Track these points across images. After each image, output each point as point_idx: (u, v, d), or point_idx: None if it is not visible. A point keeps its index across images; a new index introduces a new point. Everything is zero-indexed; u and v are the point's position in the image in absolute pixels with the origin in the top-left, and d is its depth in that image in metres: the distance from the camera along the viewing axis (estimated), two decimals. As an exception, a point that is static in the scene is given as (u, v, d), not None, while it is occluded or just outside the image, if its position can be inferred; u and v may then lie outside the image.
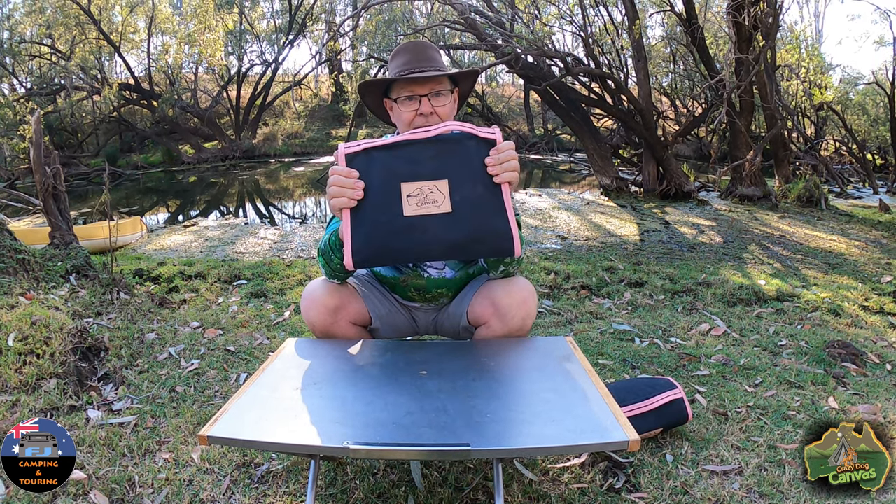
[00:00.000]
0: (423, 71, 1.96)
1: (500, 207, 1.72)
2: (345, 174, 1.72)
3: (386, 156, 1.73)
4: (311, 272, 4.99)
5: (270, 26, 23.49)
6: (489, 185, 1.72)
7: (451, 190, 1.70)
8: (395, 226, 1.70)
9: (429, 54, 2.02)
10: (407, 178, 1.71)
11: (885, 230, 8.59)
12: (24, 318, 2.77)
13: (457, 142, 1.74)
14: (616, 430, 1.39)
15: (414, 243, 1.71)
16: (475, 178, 1.72)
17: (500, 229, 1.71)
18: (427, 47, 2.05)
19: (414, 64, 1.98)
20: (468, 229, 1.70)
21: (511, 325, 1.97)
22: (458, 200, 1.70)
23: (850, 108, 16.53)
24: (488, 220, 1.71)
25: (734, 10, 9.61)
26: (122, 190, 15.38)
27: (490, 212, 1.71)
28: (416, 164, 1.72)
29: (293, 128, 23.93)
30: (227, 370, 2.83)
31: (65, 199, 4.70)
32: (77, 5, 17.69)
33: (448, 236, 1.70)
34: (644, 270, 5.18)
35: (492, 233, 1.71)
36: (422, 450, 1.40)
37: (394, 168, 1.72)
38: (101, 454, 2.03)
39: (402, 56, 2.02)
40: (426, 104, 1.96)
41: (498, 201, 1.72)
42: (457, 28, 12.29)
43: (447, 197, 1.70)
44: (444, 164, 1.72)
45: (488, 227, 1.71)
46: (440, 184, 1.70)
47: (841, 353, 3.03)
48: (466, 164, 1.72)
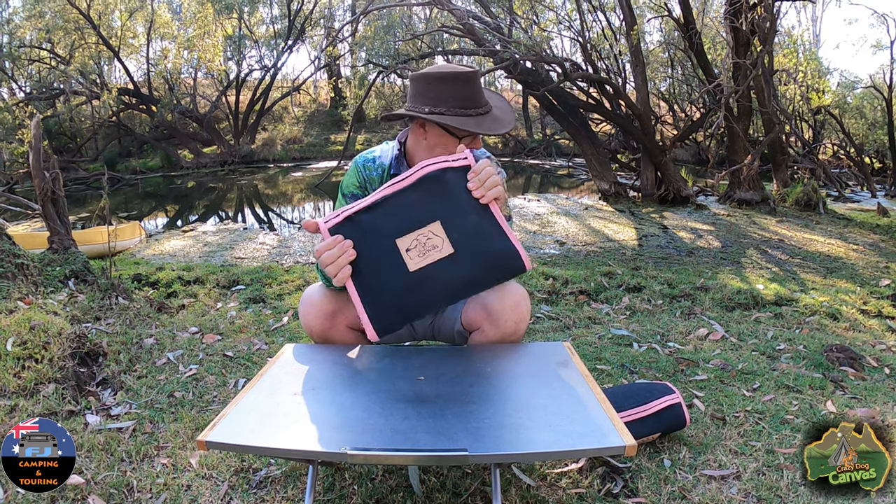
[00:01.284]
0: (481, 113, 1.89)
1: (497, 230, 1.70)
2: (330, 245, 1.67)
3: (370, 217, 1.70)
4: (310, 277, 4.99)
5: (269, 31, 23.52)
6: (480, 211, 1.70)
7: (447, 229, 1.68)
8: (406, 284, 1.67)
9: (479, 88, 1.93)
10: (399, 233, 1.68)
11: (883, 233, 8.61)
12: (23, 323, 2.77)
13: (434, 180, 1.71)
14: (613, 435, 1.39)
15: (429, 295, 1.68)
16: (465, 210, 1.69)
17: (505, 251, 1.70)
18: (478, 84, 1.93)
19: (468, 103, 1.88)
20: (477, 262, 1.68)
21: (504, 330, 1.97)
22: (458, 238, 1.68)
23: (848, 112, 16.57)
24: (491, 245, 1.70)
25: (732, 14, 9.64)
26: (121, 195, 15.39)
27: (490, 237, 1.70)
28: (403, 215, 1.69)
29: (292, 133, 23.94)
30: (225, 375, 2.83)
31: (63, 204, 4.70)
32: (76, 10, 17.71)
33: (460, 275, 1.68)
34: (642, 275, 5.18)
35: (499, 257, 1.70)
36: (419, 455, 1.40)
37: (383, 227, 1.69)
38: (100, 459, 2.03)
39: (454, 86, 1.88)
40: (461, 145, 1.86)
41: (493, 224, 1.70)
42: (455, 34, 12.32)
43: (445, 238, 1.68)
44: (430, 207, 1.69)
45: (494, 252, 1.70)
46: (434, 227, 1.68)
47: (839, 357, 3.04)
48: (451, 198, 1.69)
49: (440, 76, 1.89)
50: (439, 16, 14.10)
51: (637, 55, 11.79)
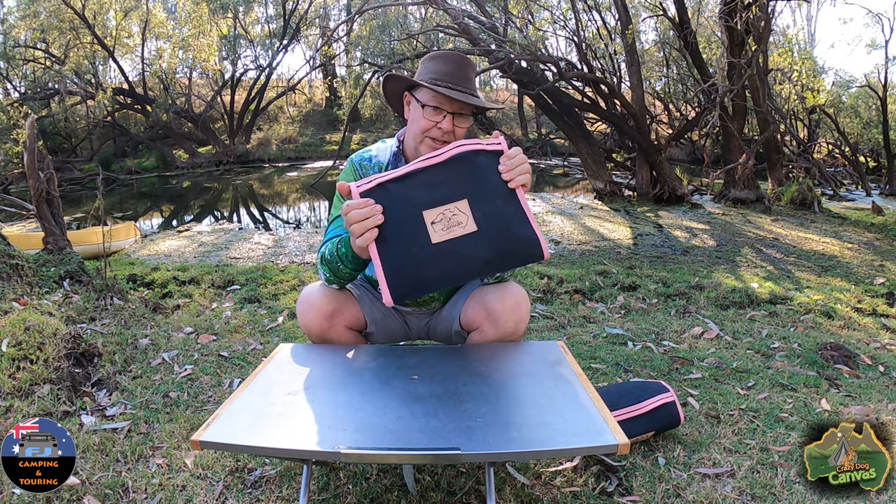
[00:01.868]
0: (461, 89, 1.95)
1: (521, 215, 1.73)
2: (361, 205, 1.67)
3: (401, 187, 1.72)
4: (305, 277, 4.99)
5: (265, 31, 23.48)
6: (506, 196, 1.73)
7: (473, 208, 1.70)
8: (427, 255, 1.68)
9: (469, 73, 2.00)
10: (427, 206, 1.70)
11: (878, 232, 8.63)
12: (18, 324, 2.77)
13: (466, 160, 1.74)
14: (606, 433, 1.40)
15: (448, 268, 1.69)
16: (492, 192, 1.72)
17: (526, 237, 1.72)
18: (469, 66, 2.02)
19: (454, 79, 1.96)
20: (497, 244, 1.70)
21: (504, 330, 1.97)
22: (482, 217, 1.70)
23: (843, 111, 16.61)
24: (514, 230, 1.71)
25: (726, 14, 9.66)
26: (116, 195, 15.35)
27: (514, 222, 1.72)
28: (433, 189, 1.72)
29: (287, 133, 23.90)
30: (220, 375, 2.83)
31: (58, 204, 4.69)
32: (71, 10, 17.65)
33: (479, 254, 1.69)
34: (637, 274, 5.19)
35: (520, 242, 1.72)
36: (413, 454, 1.40)
37: (412, 198, 1.71)
38: (95, 459, 2.03)
39: (444, 64, 1.98)
40: (448, 122, 1.94)
41: (518, 210, 1.73)
42: (450, 33, 12.32)
43: (470, 216, 1.70)
44: (459, 185, 1.72)
45: (515, 237, 1.71)
46: (461, 205, 1.70)
47: (833, 356, 3.05)
48: (481, 179, 1.73)
49: (430, 56, 2.03)
50: (434, 15, 14.09)
51: (632, 54, 11.80)
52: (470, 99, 1.94)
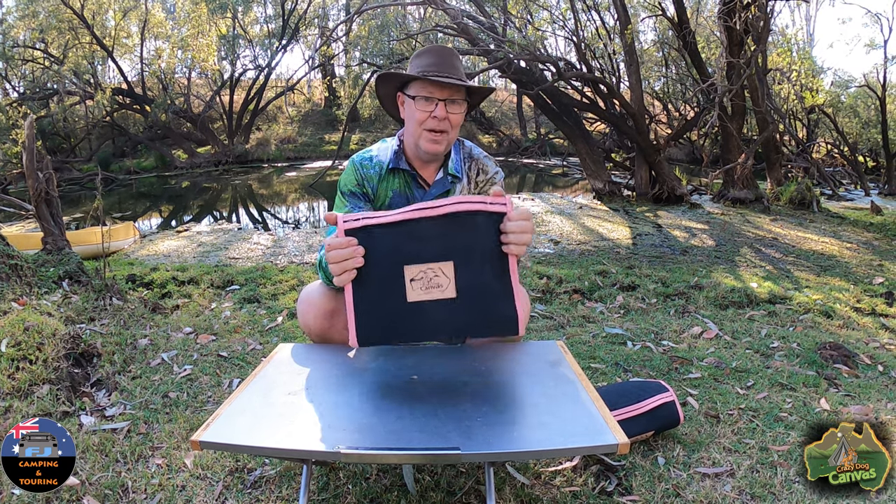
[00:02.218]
0: (447, 76, 1.96)
1: (506, 289, 1.66)
2: (343, 244, 1.63)
3: (388, 234, 1.65)
4: (305, 277, 4.99)
5: (263, 31, 23.44)
6: (496, 265, 1.65)
7: (457, 273, 1.63)
8: (399, 310, 1.65)
9: (453, 62, 2.02)
10: (410, 261, 1.64)
11: (877, 232, 8.64)
12: (17, 324, 2.77)
13: (464, 220, 1.64)
14: (605, 433, 1.40)
15: (417, 327, 1.66)
16: (482, 259, 1.64)
17: (504, 315, 1.67)
18: (453, 55, 2.05)
19: (439, 67, 1.98)
20: (473, 316, 1.65)
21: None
22: (464, 286, 1.64)
23: (842, 111, 16.61)
24: (493, 305, 1.66)
25: (725, 14, 9.66)
26: (115, 195, 15.34)
27: (495, 297, 1.66)
28: (421, 243, 1.65)
29: (286, 133, 23.88)
30: (219, 375, 2.82)
31: (57, 205, 4.69)
32: (70, 10, 17.63)
33: (452, 321, 1.65)
34: (636, 274, 5.19)
35: (496, 318, 1.67)
36: (413, 454, 1.40)
37: (397, 249, 1.64)
38: (94, 460, 2.03)
39: (427, 57, 2.02)
40: (441, 108, 1.95)
41: (504, 283, 1.66)
42: (449, 33, 12.31)
43: (452, 281, 1.63)
44: (449, 245, 1.64)
45: (492, 312, 1.66)
46: (445, 266, 1.64)
47: (833, 355, 3.05)
48: (473, 243, 1.64)
49: (417, 53, 2.08)
50: (433, 15, 14.09)
51: (631, 54, 11.80)
52: (458, 82, 1.95)
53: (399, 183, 2.11)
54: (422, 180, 2.11)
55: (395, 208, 2.08)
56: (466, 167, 2.14)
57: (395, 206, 2.09)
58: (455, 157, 2.12)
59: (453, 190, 2.11)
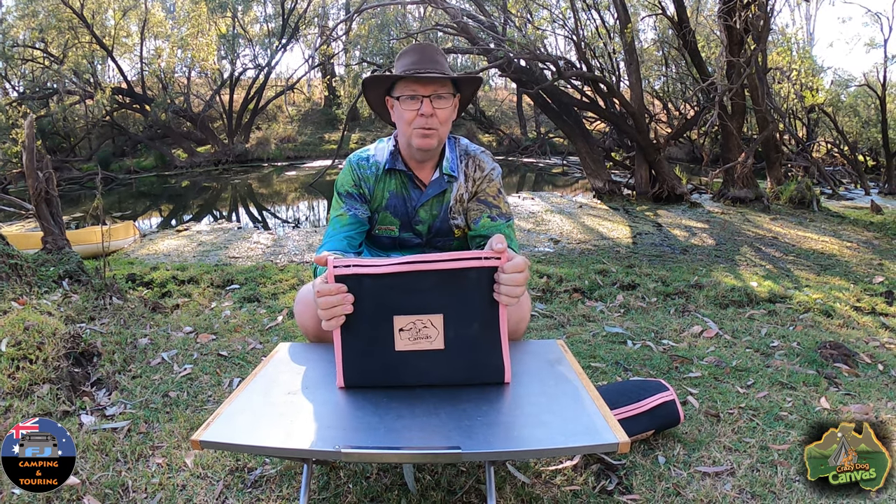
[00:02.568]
0: (428, 72, 1.96)
1: (495, 340, 1.65)
2: (332, 291, 1.61)
3: (378, 286, 1.62)
4: (305, 276, 4.99)
5: (263, 30, 23.45)
6: (487, 318, 1.63)
7: (446, 326, 1.62)
8: (386, 358, 1.64)
9: (435, 57, 2.02)
10: (400, 311, 1.63)
11: (877, 231, 8.64)
12: (17, 324, 2.77)
13: (458, 275, 1.62)
14: (606, 432, 1.39)
15: (404, 374, 1.66)
16: (472, 313, 1.63)
17: (492, 366, 1.66)
18: (434, 51, 2.04)
19: (420, 64, 1.97)
20: (460, 366, 1.65)
21: None
22: (453, 337, 1.63)
23: (842, 110, 16.61)
24: (482, 357, 1.66)
25: (725, 13, 9.66)
26: (115, 194, 15.34)
27: (485, 349, 1.65)
28: (411, 296, 1.62)
29: (286, 132, 23.89)
30: (219, 375, 2.82)
31: (57, 204, 4.69)
32: (70, 9, 17.64)
33: (438, 371, 1.65)
34: (636, 273, 5.19)
35: (484, 369, 1.67)
36: (413, 453, 1.40)
37: (386, 300, 1.63)
38: (95, 459, 2.03)
39: (408, 56, 2.01)
40: (427, 105, 1.94)
41: (493, 335, 1.64)
42: (449, 32, 12.31)
43: (441, 333, 1.62)
44: (440, 298, 1.62)
45: (481, 364, 1.66)
46: (435, 318, 1.62)
47: (833, 354, 3.05)
48: (465, 298, 1.62)
49: (399, 55, 2.07)
50: (433, 14, 14.08)
51: (631, 53, 11.80)
52: (440, 76, 1.95)
53: (396, 184, 2.11)
54: (418, 181, 2.10)
55: (391, 210, 2.09)
56: (463, 164, 2.13)
57: (391, 207, 2.10)
58: (450, 156, 2.11)
59: (450, 189, 2.10)
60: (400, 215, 2.11)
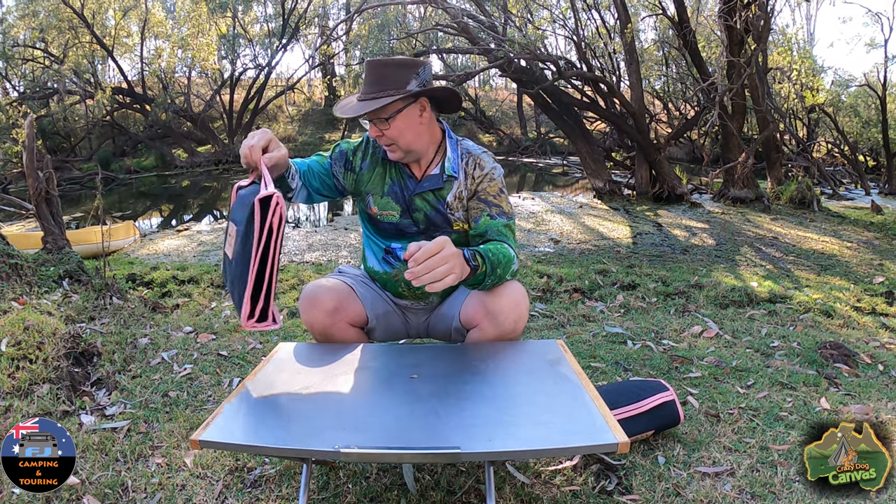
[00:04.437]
0: (368, 97, 1.98)
1: (243, 279, 1.71)
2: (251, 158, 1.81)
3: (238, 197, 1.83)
4: (304, 276, 4.99)
5: (264, 30, 23.44)
6: (244, 252, 1.70)
7: (236, 240, 1.74)
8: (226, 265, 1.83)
9: (380, 74, 1.99)
10: (231, 220, 1.82)
11: (878, 231, 8.64)
12: (17, 323, 2.77)
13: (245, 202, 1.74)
14: (605, 432, 1.39)
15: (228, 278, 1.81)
16: (243, 241, 1.71)
17: (237, 296, 1.73)
18: (382, 65, 2.00)
19: (366, 88, 2.00)
20: (236, 279, 1.73)
21: (503, 328, 1.97)
22: (237, 251, 1.72)
23: (842, 111, 16.61)
24: (237, 282, 1.73)
25: (726, 13, 9.65)
26: (115, 194, 15.34)
27: (240, 281, 1.71)
28: (235, 210, 1.79)
29: (286, 132, 23.89)
30: (219, 375, 2.82)
31: (57, 204, 4.68)
32: (70, 9, 17.63)
33: (231, 277, 1.77)
34: (637, 273, 5.19)
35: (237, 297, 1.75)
36: (413, 453, 1.40)
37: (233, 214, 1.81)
38: (94, 459, 2.03)
39: (364, 77, 2.04)
40: (373, 128, 2.03)
41: (244, 273, 1.70)
42: (449, 32, 12.32)
43: (233, 246, 1.75)
44: (237, 214, 1.76)
45: (237, 289, 1.73)
46: (232, 230, 1.78)
47: (833, 354, 3.05)
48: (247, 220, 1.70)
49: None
50: (434, 14, 14.08)
51: (631, 53, 11.80)
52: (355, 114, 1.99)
53: (396, 172, 2.15)
54: (410, 172, 2.14)
55: (393, 196, 2.14)
56: (464, 163, 2.12)
57: (392, 193, 2.13)
58: (452, 156, 2.10)
59: (449, 187, 2.10)
60: (399, 202, 2.13)
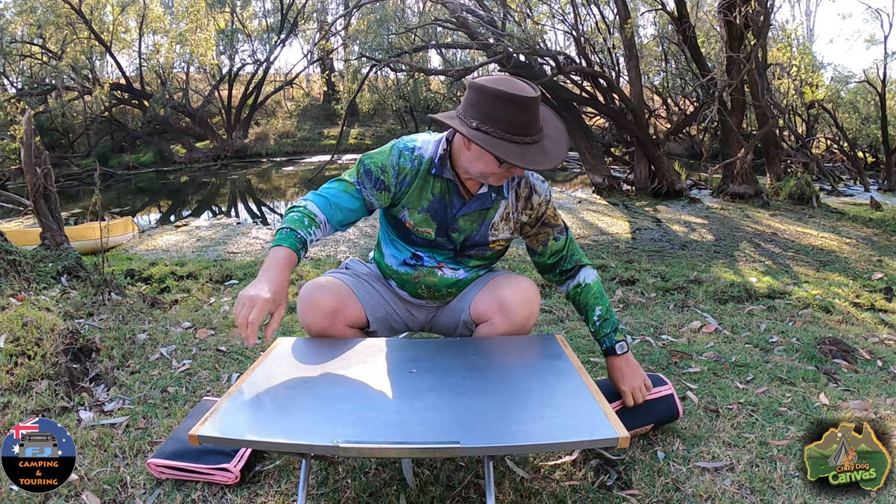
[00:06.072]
0: (529, 140, 1.77)
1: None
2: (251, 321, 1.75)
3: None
4: (303, 272, 4.98)
5: (262, 25, 23.42)
6: None
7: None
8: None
9: (536, 116, 1.79)
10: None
11: (876, 227, 8.64)
12: (15, 320, 2.76)
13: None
14: (605, 426, 1.39)
15: None
16: None
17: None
18: (535, 107, 1.78)
19: (528, 130, 1.77)
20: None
21: (515, 323, 1.96)
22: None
23: (842, 107, 16.60)
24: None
25: (725, 8, 9.64)
26: (114, 190, 15.32)
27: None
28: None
29: (285, 127, 23.86)
30: (218, 370, 2.82)
31: (56, 200, 4.68)
32: (68, 5, 17.58)
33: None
34: (636, 268, 5.19)
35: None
36: (412, 447, 1.40)
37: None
38: (93, 455, 2.03)
39: (516, 111, 1.74)
40: (507, 170, 1.84)
41: None
42: (448, 27, 12.28)
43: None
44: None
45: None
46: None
47: (832, 350, 3.05)
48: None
49: (497, 94, 1.74)
50: (433, 9, 14.05)
51: (631, 49, 11.78)
52: (540, 166, 1.77)
53: (441, 188, 1.99)
54: (464, 189, 2.00)
55: (432, 213, 2.00)
56: (514, 184, 2.03)
57: (432, 211, 2.00)
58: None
59: (496, 206, 2.02)
60: (439, 220, 2.01)
